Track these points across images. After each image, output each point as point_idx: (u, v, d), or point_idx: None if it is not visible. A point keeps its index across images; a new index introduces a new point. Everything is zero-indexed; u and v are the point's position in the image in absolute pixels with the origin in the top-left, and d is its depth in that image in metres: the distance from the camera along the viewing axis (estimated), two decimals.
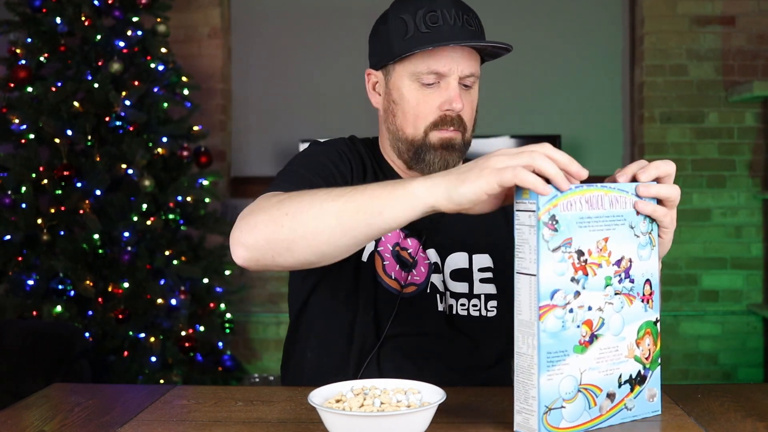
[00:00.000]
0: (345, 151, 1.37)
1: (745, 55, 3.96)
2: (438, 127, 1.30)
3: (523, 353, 0.95)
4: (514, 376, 0.96)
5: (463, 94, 1.31)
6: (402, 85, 1.32)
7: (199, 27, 4.04)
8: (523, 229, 0.93)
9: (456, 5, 1.30)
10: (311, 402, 0.98)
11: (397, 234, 1.34)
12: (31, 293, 3.00)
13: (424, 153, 1.31)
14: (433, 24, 1.27)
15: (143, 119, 3.11)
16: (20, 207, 3.02)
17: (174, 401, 1.17)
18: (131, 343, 3.07)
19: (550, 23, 4.17)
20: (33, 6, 3.14)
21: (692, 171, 3.98)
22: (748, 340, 3.95)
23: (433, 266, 1.36)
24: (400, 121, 1.33)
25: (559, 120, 4.14)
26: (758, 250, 3.97)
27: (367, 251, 1.33)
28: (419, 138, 1.31)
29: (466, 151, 1.36)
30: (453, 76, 1.29)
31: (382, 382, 1.05)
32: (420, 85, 1.30)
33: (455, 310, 1.35)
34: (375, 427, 0.94)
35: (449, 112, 1.29)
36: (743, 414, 1.05)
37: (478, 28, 1.32)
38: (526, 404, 0.95)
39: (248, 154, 4.26)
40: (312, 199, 1.02)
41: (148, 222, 3.07)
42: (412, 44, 1.28)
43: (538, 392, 0.93)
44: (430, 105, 1.30)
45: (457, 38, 1.27)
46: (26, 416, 1.11)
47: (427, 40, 1.27)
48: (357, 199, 0.99)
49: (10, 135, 3.11)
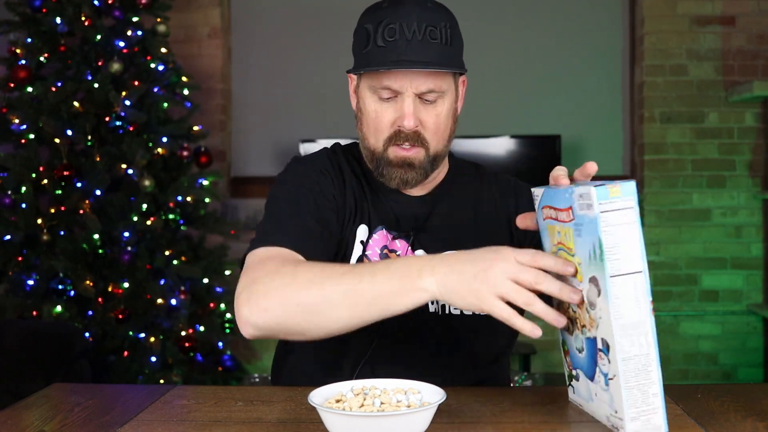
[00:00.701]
0: (326, 168, 1.35)
1: (745, 55, 3.96)
2: (394, 142, 1.29)
3: (633, 356, 0.92)
4: (619, 384, 0.93)
5: (424, 110, 1.28)
6: (364, 96, 1.31)
7: (199, 27, 4.04)
8: (616, 230, 0.91)
9: (421, 17, 1.25)
10: (311, 402, 0.98)
11: (384, 236, 1.34)
12: (31, 293, 3.00)
13: (382, 167, 1.31)
14: (390, 38, 1.25)
15: (143, 119, 3.11)
16: (20, 207, 3.02)
17: (174, 401, 1.17)
18: (131, 343, 3.07)
19: (550, 23, 4.17)
20: (33, 6, 3.14)
21: (692, 171, 3.98)
22: (748, 340, 3.95)
23: None
24: (364, 129, 1.33)
25: (559, 120, 4.13)
26: (758, 250, 3.97)
27: (355, 256, 1.33)
28: (379, 151, 1.30)
29: (435, 166, 1.33)
30: (407, 92, 1.26)
31: (382, 382, 1.05)
32: (378, 98, 1.29)
33: (448, 310, 1.34)
34: (375, 427, 0.94)
35: (403, 128, 1.27)
36: (743, 414, 1.05)
37: (445, 39, 1.27)
38: (646, 404, 0.93)
39: (248, 154, 4.26)
40: (322, 290, 1.06)
41: (148, 222, 3.07)
42: (365, 60, 1.28)
43: (661, 387, 0.92)
44: (386, 119, 1.29)
45: (411, 55, 1.24)
46: (26, 416, 1.11)
47: (379, 57, 1.25)
48: (368, 292, 1.04)
49: (10, 135, 3.11)
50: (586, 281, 0.95)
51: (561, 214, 0.99)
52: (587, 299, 0.96)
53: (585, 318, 0.98)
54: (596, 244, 0.92)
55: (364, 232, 1.34)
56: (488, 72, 4.06)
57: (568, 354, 1.08)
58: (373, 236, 1.34)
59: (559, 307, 1.05)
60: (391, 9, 1.27)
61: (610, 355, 0.93)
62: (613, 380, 0.94)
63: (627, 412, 0.93)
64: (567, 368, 1.10)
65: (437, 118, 1.30)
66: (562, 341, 1.10)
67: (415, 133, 1.28)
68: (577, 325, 1.01)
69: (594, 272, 0.93)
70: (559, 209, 1.00)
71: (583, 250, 0.95)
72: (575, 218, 0.96)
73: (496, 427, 1.02)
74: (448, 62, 1.27)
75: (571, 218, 0.97)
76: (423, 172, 1.31)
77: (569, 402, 1.13)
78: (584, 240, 0.94)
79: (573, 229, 0.96)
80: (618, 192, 0.90)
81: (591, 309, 0.96)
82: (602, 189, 0.90)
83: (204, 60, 4.04)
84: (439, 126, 1.30)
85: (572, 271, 0.96)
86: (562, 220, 0.99)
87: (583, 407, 1.08)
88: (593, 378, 1.00)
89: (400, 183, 1.31)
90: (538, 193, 1.07)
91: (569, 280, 0.99)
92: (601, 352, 0.95)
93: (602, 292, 0.92)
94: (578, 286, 0.97)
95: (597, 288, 0.93)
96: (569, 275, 0.97)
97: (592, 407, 1.04)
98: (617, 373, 0.93)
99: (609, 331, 0.92)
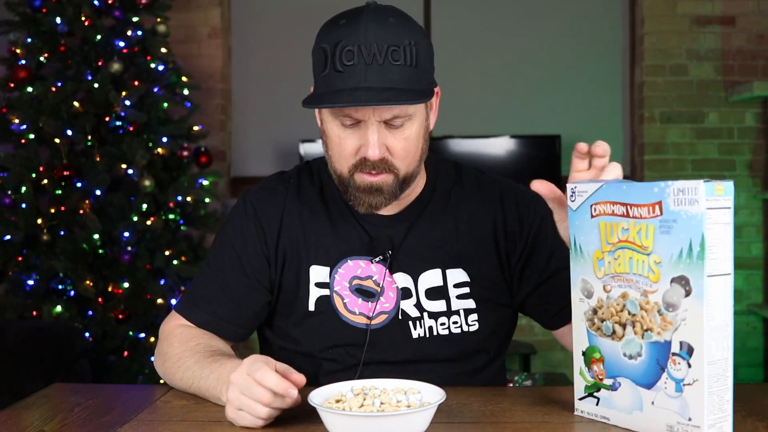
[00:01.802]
0: (245, 224, 1.33)
1: (745, 55, 3.96)
2: (360, 169, 1.21)
3: (717, 360, 0.90)
4: (702, 389, 0.90)
5: (391, 135, 1.19)
6: (327, 120, 1.24)
7: (199, 27, 4.04)
8: (718, 228, 0.89)
9: (381, 37, 1.14)
10: (311, 402, 0.98)
11: (353, 267, 1.29)
12: (31, 293, 3.00)
13: (349, 192, 1.24)
14: (348, 62, 1.14)
15: (143, 119, 3.11)
16: (20, 207, 3.02)
17: (174, 401, 1.17)
18: (131, 343, 3.07)
19: (550, 23, 4.17)
20: (33, 6, 3.14)
21: (692, 171, 3.98)
22: (748, 340, 3.95)
23: (402, 291, 1.30)
24: (329, 153, 1.25)
25: (559, 120, 4.13)
26: (758, 250, 3.97)
27: (312, 298, 1.29)
28: (345, 176, 1.23)
29: (406, 187, 1.26)
30: (369, 121, 1.17)
31: (382, 382, 1.05)
32: (340, 124, 1.21)
33: (436, 331, 1.30)
34: (375, 427, 0.94)
35: (367, 156, 1.19)
36: (743, 414, 1.05)
37: (410, 60, 1.16)
38: (722, 411, 0.91)
39: (248, 154, 4.26)
40: (179, 380, 1.22)
41: (148, 222, 3.07)
42: (323, 85, 1.19)
43: (733, 393, 0.91)
44: (350, 147, 1.20)
45: (371, 81, 1.13)
46: (26, 416, 1.11)
47: (338, 83, 1.15)
48: (202, 390, 1.17)
49: (10, 135, 3.11)
50: (666, 281, 0.92)
51: (636, 210, 0.95)
52: (665, 301, 0.93)
53: (654, 321, 0.94)
54: (694, 242, 0.89)
55: (321, 273, 1.30)
56: (488, 72, 4.06)
57: (600, 362, 1.03)
58: (338, 271, 1.29)
59: (595, 314, 1.02)
60: (349, 28, 1.15)
61: (693, 359, 0.90)
62: (692, 385, 0.91)
63: (706, 418, 0.90)
64: (590, 379, 1.04)
65: (406, 142, 1.21)
66: (585, 351, 1.04)
67: (382, 160, 1.20)
68: (634, 330, 0.97)
69: (682, 271, 0.90)
70: (634, 204, 0.96)
71: (669, 247, 0.92)
72: (665, 214, 0.92)
73: (496, 427, 1.02)
74: (412, 86, 1.16)
75: (656, 214, 0.93)
76: (392, 195, 1.24)
77: (575, 409, 1.08)
78: (674, 237, 0.91)
79: (657, 226, 0.93)
80: (721, 190, 0.89)
81: (669, 311, 0.92)
82: (709, 185, 0.89)
83: (204, 60, 4.04)
84: (408, 150, 1.22)
85: (294, 396, 1.00)
86: (637, 216, 0.95)
87: (611, 420, 1.02)
88: (653, 385, 0.96)
89: (369, 207, 1.24)
90: (585, 189, 1.03)
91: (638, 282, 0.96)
92: (677, 356, 0.92)
93: (693, 292, 0.90)
94: (652, 287, 0.94)
95: (684, 288, 0.91)
96: (291, 399, 1.01)
97: (637, 419, 0.98)
98: (700, 378, 0.90)
99: (697, 334, 0.90)
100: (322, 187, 1.35)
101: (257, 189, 1.37)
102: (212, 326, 1.31)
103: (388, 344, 1.29)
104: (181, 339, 1.27)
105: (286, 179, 1.37)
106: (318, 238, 1.31)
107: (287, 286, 1.32)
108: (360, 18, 1.16)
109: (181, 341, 1.27)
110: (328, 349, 1.30)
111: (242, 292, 1.31)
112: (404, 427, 0.94)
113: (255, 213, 1.33)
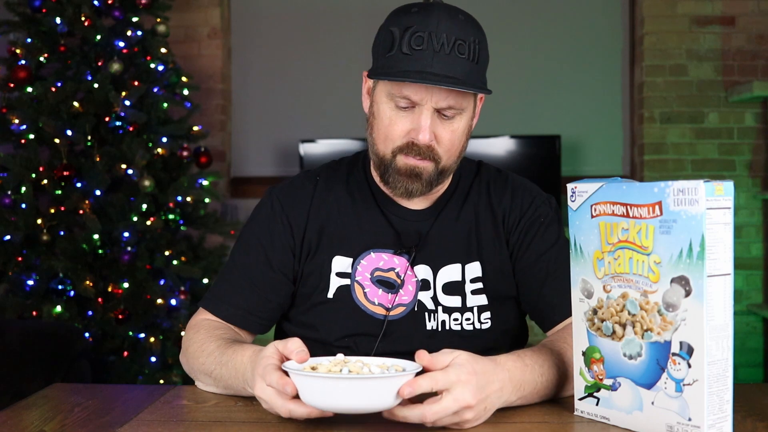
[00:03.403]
0: (270, 218, 1.36)
1: (745, 55, 3.96)
2: (404, 152, 1.25)
3: (717, 360, 0.90)
4: (702, 389, 0.90)
5: (441, 125, 1.25)
6: (380, 101, 1.27)
7: (198, 27, 4.04)
8: (718, 228, 0.89)
9: (450, 29, 1.20)
10: (284, 367, 0.97)
11: (375, 260, 1.32)
12: (31, 293, 3.00)
13: (389, 175, 1.28)
14: (417, 47, 1.20)
15: (143, 119, 3.11)
16: (20, 207, 3.02)
17: (174, 401, 1.17)
18: (131, 343, 3.07)
19: (550, 23, 4.17)
20: (33, 6, 3.14)
21: (692, 171, 3.98)
22: (748, 340, 3.95)
23: (421, 283, 1.33)
24: (375, 134, 1.29)
25: (559, 120, 4.14)
26: (758, 250, 3.97)
27: (333, 286, 1.32)
28: (387, 158, 1.27)
29: (442, 179, 1.30)
30: (425, 105, 1.22)
31: (367, 358, 1.03)
32: (395, 106, 1.24)
33: (448, 326, 1.32)
34: (339, 389, 0.92)
35: (416, 141, 1.24)
36: (743, 414, 1.05)
37: (472, 56, 1.23)
38: (721, 411, 0.91)
39: (248, 154, 4.26)
40: (200, 367, 1.24)
41: (148, 222, 3.07)
42: (387, 64, 1.22)
43: (733, 394, 0.91)
44: (400, 129, 1.25)
45: (436, 68, 1.19)
46: (26, 416, 1.11)
47: (403, 65, 1.20)
48: (222, 380, 1.18)
49: (10, 135, 3.11)
50: (666, 281, 0.92)
51: (636, 210, 0.95)
52: (665, 301, 0.93)
53: (654, 321, 0.94)
54: (694, 242, 0.89)
55: (344, 264, 1.33)
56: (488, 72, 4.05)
57: (600, 362, 1.03)
58: (360, 262, 1.32)
59: (595, 314, 1.02)
60: (421, 16, 1.21)
61: (693, 359, 0.90)
62: (692, 386, 0.91)
63: (706, 418, 0.90)
64: (590, 379, 1.05)
65: (452, 134, 1.26)
66: (585, 351, 1.05)
67: (428, 147, 1.25)
68: (634, 330, 0.97)
69: (682, 272, 0.90)
70: (634, 204, 0.96)
71: (669, 248, 0.92)
72: (665, 214, 0.92)
73: (495, 426, 1.02)
74: (472, 81, 1.23)
75: (656, 214, 0.93)
76: (429, 184, 1.28)
77: (575, 409, 1.08)
78: (674, 237, 0.91)
79: (657, 226, 0.93)
80: (721, 190, 0.89)
81: (668, 311, 0.92)
82: (709, 185, 0.89)
83: (204, 60, 4.04)
84: (453, 143, 1.27)
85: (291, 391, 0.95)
86: (637, 216, 0.95)
87: (611, 420, 1.02)
88: (652, 385, 0.96)
89: (405, 193, 1.29)
90: (586, 189, 1.03)
91: (638, 282, 0.96)
92: (676, 357, 0.92)
93: (693, 292, 0.90)
94: (652, 287, 0.94)
95: (684, 288, 0.91)
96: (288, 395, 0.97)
97: (637, 419, 0.98)
98: (700, 378, 0.90)
99: (697, 334, 0.90)
100: (348, 180, 1.39)
101: (283, 185, 1.41)
102: (237, 318, 1.33)
103: (403, 335, 1.31)
104: (207, 327, 1.30)
105: (312, 176, 1.41)
106: (343, 230, 1.35)
107: (309, 276, 1.34)
108: (432, 9, 1.22)
109: (207, 329, 1.30)
110: (343, 337, 1.32)
111: (268, 286, 1.34)
112: (374, 394, 0.92)
113: (281, 207, 1.36)
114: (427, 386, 0.95)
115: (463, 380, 0.96)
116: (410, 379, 0.94)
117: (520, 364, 1.08)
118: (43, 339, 2.60)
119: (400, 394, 0.93)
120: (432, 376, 0.96)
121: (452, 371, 0.97)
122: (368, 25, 1.41)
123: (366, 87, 1.35)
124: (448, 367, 0.98)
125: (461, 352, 1.00)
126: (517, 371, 1.06)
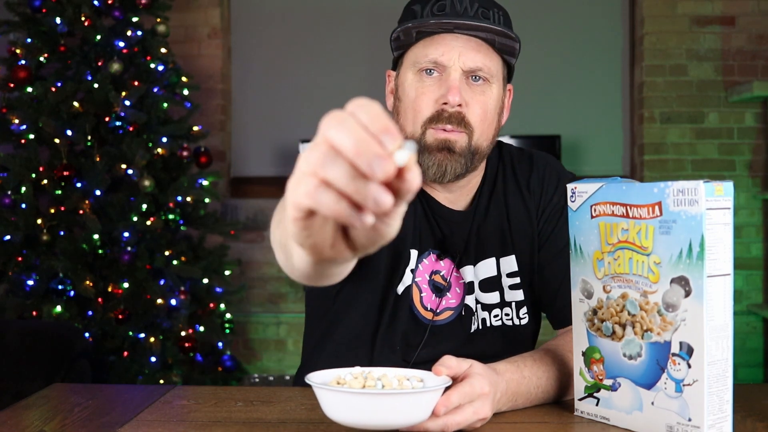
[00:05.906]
0: None
1: (745, 55, 3.96)
2: (434, 123, 1.19)
3: (717, 360, 0.90)
4: (702, 389, 0.90)
5: (471, 91, 1.19)
6: (405, 80, 1.23)
7: (199, 27, 4.04)
8: (717, 228, 0.89)
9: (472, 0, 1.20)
10: (308, 381, 0.91)
11: (433, 261, 1.29)
12: (31, 293, 3.00)
13: (420, 155, 1.20)
14: (440, 12, 1.18)
15: (143, 119, 3.11)
16: (20, 207, 3.02)
17: (174, 401, 1.17)
18: (131, 343, 3.07)
19: (550, 23, 4.17)
20: (33, 6, 3.14)
21: (692, 171, 3.98)
22: (748, 340, 3.95)
23: (468, 286, 1.29)
24: (402, 119, 1.23)
25: (559, 120, 4.14)
26: (758, 250, 3.97)
27: (403, 285, 1.27)
28: (417, 137, 1.20)
29: (475, 159, 1.23)
30: (453, 66, 1.18)
31: (383, 369, 0.98)
32: (420, 76, 1.20)
33: (489, 323, 1.29)
34: (374, 406, 0.87)
35: (446, 106, 1.18)
36: (743, 414, 1.05)
37: (497, 21, 1.20)
38: (721, 411, 0.91)
39: (248, 154, 4.26)
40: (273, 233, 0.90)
41: (148, 222, 3.07)
42: (412, 33, 1.20)
43: (732, 393, 0.91)
44: (428, 97, 1.19)
45: (458, 27, 1.17)
46: (26, 416, 1.11)
47: (429, 26, 1.18)
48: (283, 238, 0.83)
49: (10, 135, 3.11)
50: (666, 282, 0.92)
51: (636, 210, 0.95)
52: (664, 301, 0.93)
53: (654, 321, 0.94)
54: (694, 242, 0.89)
55: (414, 259, 1.28)
56: None
57: (600, 363, 1.03)
58: (423, 261, 1.29)
59: (595, 315, 1.02)
60: None
61: (693, 359, 0.90)
62: (692, 386, 0.91)
63: (706, 419, 0.90)
64: (590, 379, 1.05)
65: (484, 104, 1.20)
66: (585, 351, 1.04)
67: (459, 114, 1.18)
68: (634, 330, 0.97)
69: (682, 272, 0.90)
70: (634, 205, 0.96)
71: (669, 248, 0.92)
72: (664, 214, 0.92)
73: (495, 426, 1.02)
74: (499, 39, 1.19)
75: (656, 214, 0.93)
76: (463, 162, 1.21)
77: (575, 409, 1.09)
78: (674, 237, 0.91)
79: (657, 226, 0.93)
80: (721, 190, 0.89)
81: (668, 311, 0.92)
82: (709, 185, 0.89)
83: (204, 60, 4.04)
84: (486, 113, 1.21)
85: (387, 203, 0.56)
86: (637, 217, 0.95)
87: (611, 421, 1.02)
88: (652, 386, 0.96)
89: (438, 172, 1.20)
90: (585, 189, 1.03)
91: (638, 282, 0.95)
92: (676, 357, 0.92)
93: (693, 292, 0.90)
94: (652, 288, 0.94)
95: (684, 289, 0.91)
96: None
97: (637, 419, 0.98)
98: (700, 378, 0.90)
99: (697, 334, 0.90)
100: None
101: None
102: None
103: (447, 340, 1.28)
104: None
105: None
106: (415, 224, 1.29)
107: (383, 259, 1.26)
108: None
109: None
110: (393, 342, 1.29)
111: None
112: (406, 409, 0.88)
113: None
114: (457, 401, 0.94)
115: (486, 392, 0.97)
116: (442, 397, 0.93)
117: (518, 376, 1.07)
118: (43, 339, 2.60)
119: (436, 413, 0.92)
120: (461, 392, 0.95)
121: (476, 383, 0.96)
122: (368, 25, 1.41)
123: (389, 86, 1.31)
124: (469, 377, 0.97)
125: (472, 361, 0.99)
126: (514, 383, 1.06)
